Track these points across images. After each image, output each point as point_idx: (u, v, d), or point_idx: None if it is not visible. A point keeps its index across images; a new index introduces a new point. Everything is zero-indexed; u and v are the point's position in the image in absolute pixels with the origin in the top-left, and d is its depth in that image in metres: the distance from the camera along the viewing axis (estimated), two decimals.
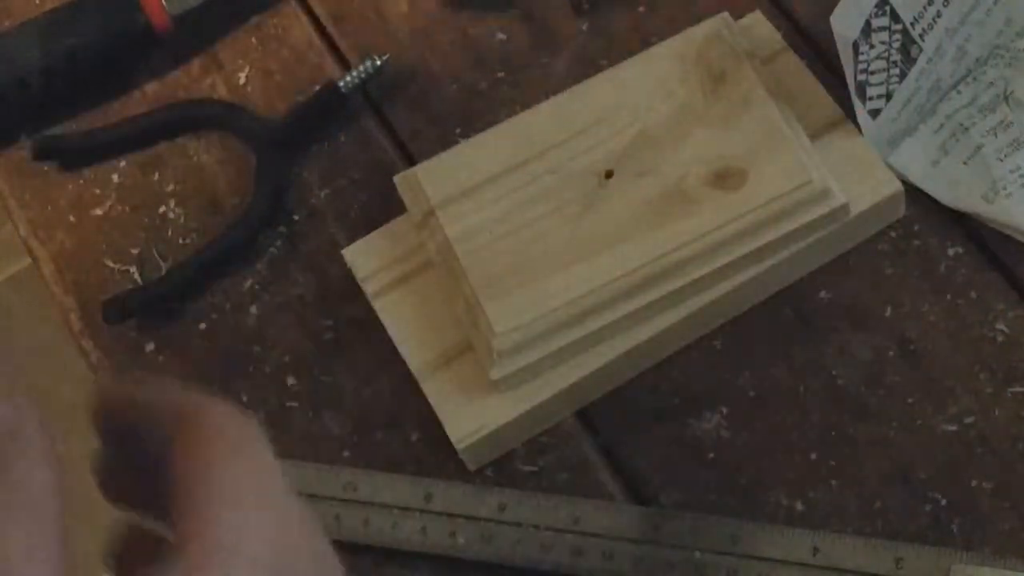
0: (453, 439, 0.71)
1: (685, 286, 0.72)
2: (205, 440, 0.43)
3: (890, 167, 0.74)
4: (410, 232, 0.76)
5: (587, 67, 0.81)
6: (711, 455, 0.71)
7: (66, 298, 0.81)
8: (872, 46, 0.73)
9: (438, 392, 0.73)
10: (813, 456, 0.70)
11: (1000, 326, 0.72)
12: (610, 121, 0.76)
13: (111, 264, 0.81)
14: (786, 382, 0.72)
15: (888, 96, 0.74)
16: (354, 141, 0.83)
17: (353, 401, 0.75)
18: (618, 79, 0.77)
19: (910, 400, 0.71)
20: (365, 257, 0.77)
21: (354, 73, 0.82)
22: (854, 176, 0.74)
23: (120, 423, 0.47)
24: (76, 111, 0.86)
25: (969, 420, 0.70)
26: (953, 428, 0.70)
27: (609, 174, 0.74)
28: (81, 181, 0.84)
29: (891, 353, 0.72)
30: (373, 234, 0.78)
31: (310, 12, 0.87)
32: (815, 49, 0.80)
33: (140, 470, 0.46)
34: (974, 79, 0.77)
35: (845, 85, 0.73)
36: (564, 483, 0.72)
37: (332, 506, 0.72)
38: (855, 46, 0.72)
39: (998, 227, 0.74)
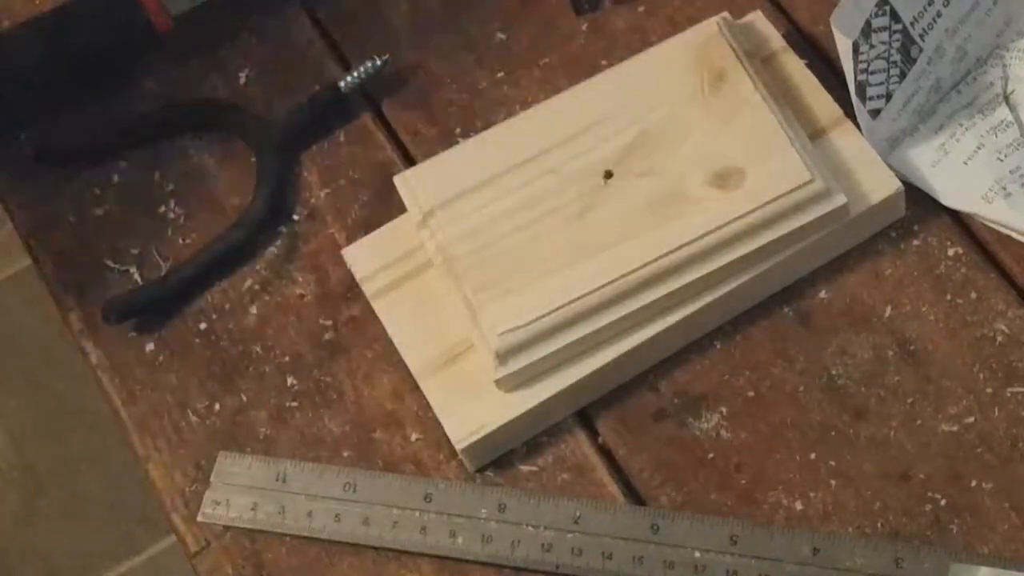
0: (453, 439, 0.71)
1: (685, 286, 0.72)
2: None
3: (890, 167, 0.74)
4: (410, 232, 0.76)
5: (587, 67, 0.81)
6: (711, 455, 0.71)
7: (66, 298, 0.81)
8: (872, 46, 0.73)
9: (438, 392, 0.73)
10: (813, 456, 0.70)
11: (1000, 326, 0.72)
12: (610, 121, 0.76)
13: (111, 264, 0.81)
14: (786, 382, 0.72)
15: (888, 96, 0.74)
16: (354, 141, 0.83)
17: (353, 401, 0.75)
18: (618, 79, 0.77)
19: (910, 400, 0.71)
20: (365, 257, 0.77)
21: (354, 73, 0.82)
22: (854, 176, 0.74)
23: None
24: (77, 110, 0.86)
25: (969, 420, 0.70)
26: (953, 428, 0.70)
27: (609, 174, 0.74)
28: (81, 181, 0.84)
29: (891, 353, 0.72)
30: (373, 234, 0.78)
31: (310, 12, 0.87)
32: (815, 49, 0.80)
33: None
34: (974, 79, 0.77)
35: (845, 85, 0.73)
36: (564, 483, 0.72)
37: (332, 506, 0.72)
38: (855, 46, 0.72)
39: (998, 227, 0.74)
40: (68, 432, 1.59)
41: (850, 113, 0.75)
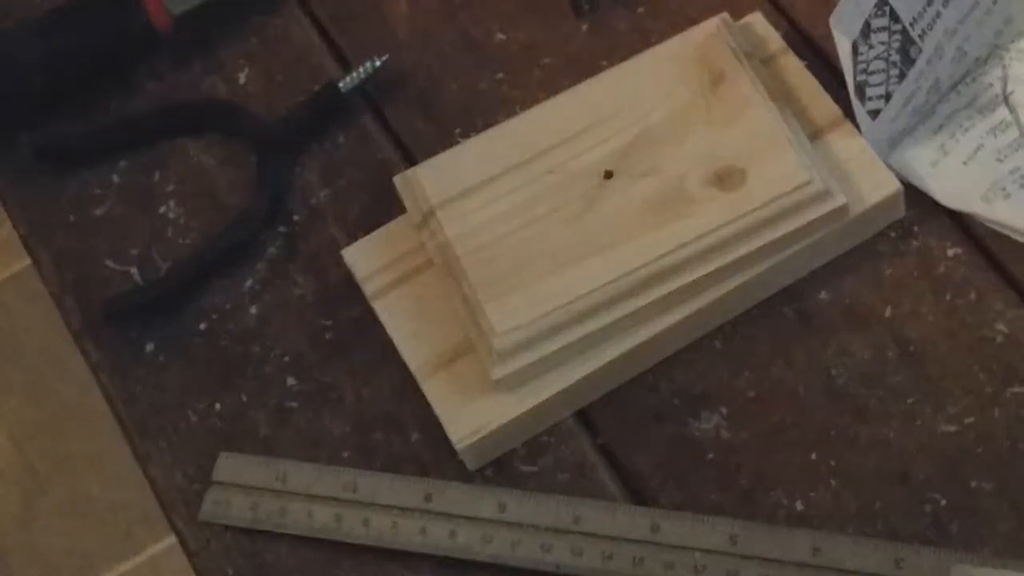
0: (453, 439, 0.72)
1: (685, 286, 0.72)
2: None
3: (890, 167, 0.74)
4: (410, 232, 0.76)
5: (587, 67, 0.81)
6: (711, 455, 0.71)
7: (66, 298, 0.81)
8: (872, 46, 0.73)
9: (438, 392, 0.73)
10: (813, 456, 0.70)
11: (1000, 326, 0.72)
12: (610, 121, 0.76)
13: (111, 264, 0.81)
14: (786, 382, 0.72)
15: (887, 96, 0.74)
16: (354, 141, 0.83)
17: (353, 401, 0.75)
18: (618, 79, 0.77)
19: (910, 400, 0.71)
20: (365, 257, 0.77)
21: (354, 73, 0.82)
22: (854, 176, 0.74)
23: None
24: (77, 110, 0.86)
25: (969, 420, 0.70)
26: (953, 428, 0.70)
27: (609, 174, 0.74)
28: (81, 181, 0.84)
29: (891, 353, 0.72)
30: (373, 234, 0.78)
31: (310, 12, 0.87)
32: (815, 49, 0.80)
33: None
34: (973, 79, 0.77)
35: (845, 85, 0.73)
36: (564, 483, 0.72)
37: (332, 506, 0.72)
38: (855, 46, 0.72)
39: (997, 227, 0.74)
40: (68, 432, 1.59)
41: (849, 113, 0.75)
